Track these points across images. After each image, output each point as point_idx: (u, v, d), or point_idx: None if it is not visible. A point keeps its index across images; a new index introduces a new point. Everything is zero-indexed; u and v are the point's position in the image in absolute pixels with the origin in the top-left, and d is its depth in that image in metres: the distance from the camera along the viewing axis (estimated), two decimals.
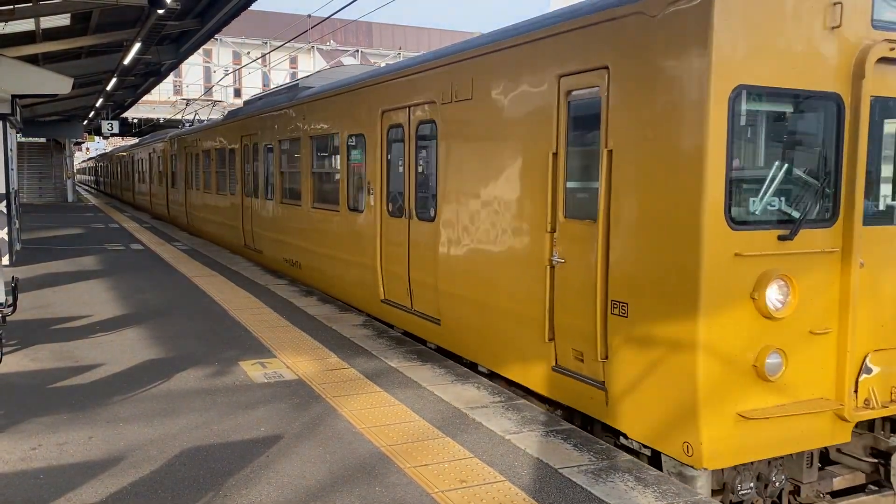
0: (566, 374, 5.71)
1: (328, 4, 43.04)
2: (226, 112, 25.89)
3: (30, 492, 4.34)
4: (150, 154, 28.68)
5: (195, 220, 20.74)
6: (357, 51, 46.94)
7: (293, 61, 49.25)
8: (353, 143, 9.62)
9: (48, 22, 14.75)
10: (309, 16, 27.25)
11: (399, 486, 4.46)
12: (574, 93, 5.57)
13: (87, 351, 7.62)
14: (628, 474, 4.69)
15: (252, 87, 45.88)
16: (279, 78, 45.24)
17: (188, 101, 32.39)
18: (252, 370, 6.95)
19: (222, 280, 12.30)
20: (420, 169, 8.01)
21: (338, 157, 10.25)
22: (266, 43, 46.33)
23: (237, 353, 7.58)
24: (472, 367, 7.22)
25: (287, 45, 35.28)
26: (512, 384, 6.64)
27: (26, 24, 14.16)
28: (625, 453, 5.11)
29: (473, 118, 6.81)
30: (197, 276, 12.65)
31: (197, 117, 27.87)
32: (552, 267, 5.78)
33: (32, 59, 15.80)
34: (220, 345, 7.91)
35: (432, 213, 7.59)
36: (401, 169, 8.28)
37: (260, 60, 42.51)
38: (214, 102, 32.45)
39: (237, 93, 45.03)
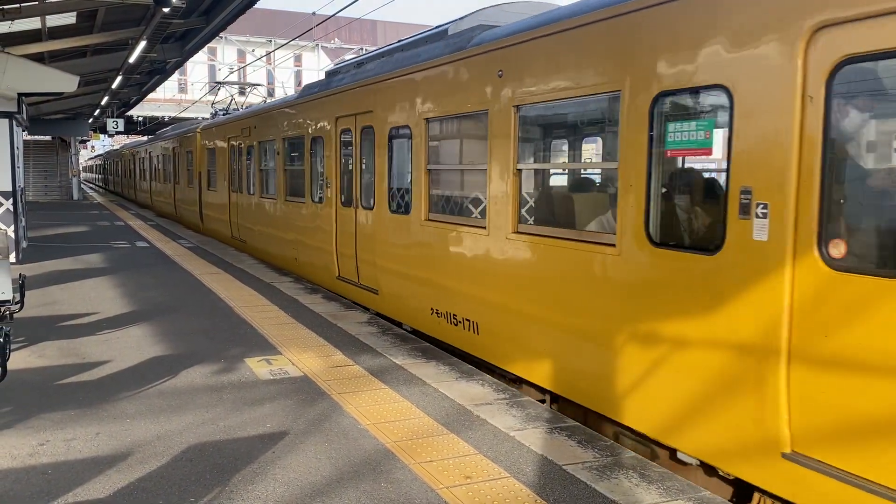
0: None
1: (332, 2, 43.12)
2: (264, 100, 22.31)
3: (38, 487, 4.38)
4: (173, 149, 24.16)
5: (247, 233, 16.00)
6: (361, 49, 46.91)
7: (298, 59, 49.34)
8: (680, 111, 4.84)
9: (54, 20, 14.80)
10: (314, 13, 27.29)
11: (405, 482, 4.49)
12: None
13: (93, 348, 7.66)
14: (633, 471, 4.70)
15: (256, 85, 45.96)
16: (284, 76, 45.32)
17: (218, 85, 26.97)
18: (258, 367, 6.99)
19: (228, 277, 12.34)
20: None
21: (612, 141, 5.71)
22: (271, 41, 46.43)
23: (243, 350, 7.62)
24: None
25: (292, 43, 35.29)
26: None
27: (32, 23, 14.21)
28: (629, 450, 5.08)
29: None
30: (202, 274, 12.70)
31: (233, 105, 24.30)
32: None
33: (38, 58, 15.88)
34: (226, 342, 7.95)
35: None
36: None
37: (264, 58, 42.53)
38: (252, 86, 26.83)
39: (241, 91, 45.00)
